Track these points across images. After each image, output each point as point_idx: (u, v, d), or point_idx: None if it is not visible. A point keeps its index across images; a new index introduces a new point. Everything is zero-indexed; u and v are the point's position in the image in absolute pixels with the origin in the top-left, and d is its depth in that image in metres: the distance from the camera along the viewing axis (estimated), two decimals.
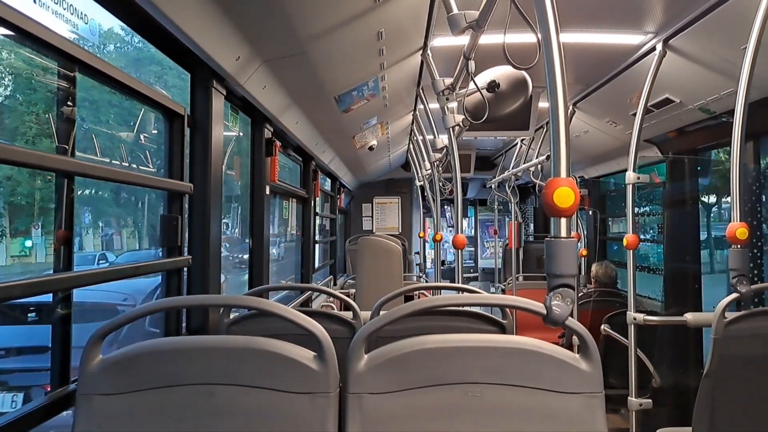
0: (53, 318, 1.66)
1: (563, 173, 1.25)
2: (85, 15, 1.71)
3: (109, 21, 1.81)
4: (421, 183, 6.67)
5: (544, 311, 1.28)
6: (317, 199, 5.49)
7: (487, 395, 1.35)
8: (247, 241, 3.31)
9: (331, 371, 1.38)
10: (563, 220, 1.26)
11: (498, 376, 1.36)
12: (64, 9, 1.63)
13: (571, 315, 1.30)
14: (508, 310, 2.35)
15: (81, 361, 1.39)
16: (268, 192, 3.32)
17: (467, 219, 12.88)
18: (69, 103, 1.66)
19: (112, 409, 1.36)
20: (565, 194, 1.22)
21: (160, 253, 2.24)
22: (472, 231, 12.72)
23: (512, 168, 6.06)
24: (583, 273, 5.91)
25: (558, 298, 1.26)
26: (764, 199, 3.39)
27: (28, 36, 1.42)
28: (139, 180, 2.11)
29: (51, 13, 1.57)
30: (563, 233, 1.26)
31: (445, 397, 1.35)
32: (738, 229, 2.26)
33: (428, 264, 9.96)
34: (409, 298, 4.20)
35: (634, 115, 3.06)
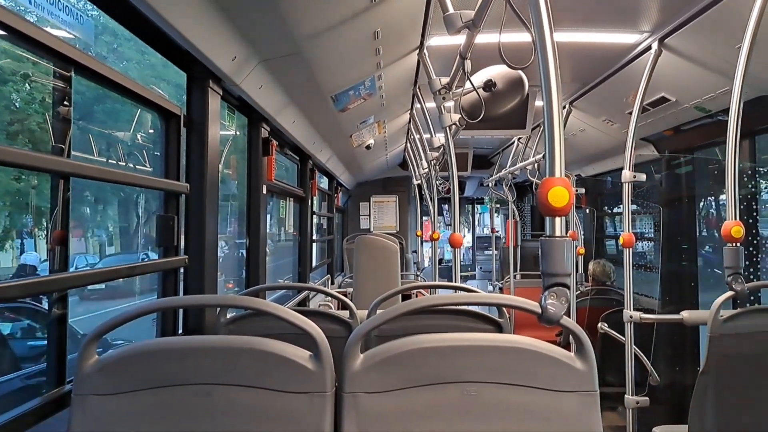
0: (49, 318, 1.66)
1: (558, 173, 1.26)
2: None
3: None
4: (419, 182, 6.67)
5: (539, 310, 1.29)
6: (314, 198, 5.48)
7: (483, 394, 1.36)
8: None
9: (327, 371, 1.38)
10: (558, 220, 1.27)
11: (494, 374, 1.36)
12: None
13: (567, 314, 1.30)
14: (504, 308, 2.35)
15: (77, 361, 1.40)
16: (264, 191, 3.32)
17: (478, 216, 12.63)
18: (65, 103, 1.66)
19: (108, 409, 1.36)
20: (559, 194, 1.23)
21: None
22: (485, 230, 12.18)
23: (509, 166, 6.07)
24: (580, 271, 5.93)
25: (553, 297, 1.27)
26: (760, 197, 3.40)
27: (24, 38, 1.42)
28: (135, 180, 2.10)
29: None
30: (558, 232, 1.27)
31: (441, 396, 1.36)
32: (733, 227, 2.27)
33: (426, 263, 9.96)
34: (406, 296, 4.20)
35: (631, 113, 3.07)
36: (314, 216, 5.64)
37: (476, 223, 13.51)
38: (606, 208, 6.54)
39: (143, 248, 10.40)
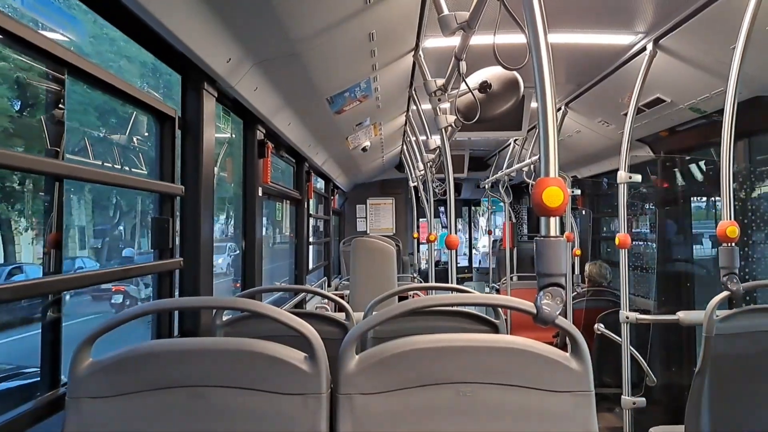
0: (43, 321, 1.65)
1: (552, 173, 1.26)
2: None
3: None
4: (415, 184, 6.68)
5: (534, 310, 1.29)
6: (311, 200, 5.48)
7: (478, 395, 1.35)
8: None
9: (322, 372, 1.38)
10: (553, 220, 1.27)
11: (489, 375, 1.36)
12: None
13: (564, 314, 1.30)
14: (501, 309, 2.35)
15: (71, 364, 1.39)
16: (260, 194, 3.32)
17: (482, 216, 12.45)
18: (60, 106, 1.65)
19: (102, 412, 1.35)
20: (554, 194, 1.23)
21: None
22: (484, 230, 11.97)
23: (505, 168, 6.07)
24: (576, 272, 5.93)
25: (548, 297, 1.27)
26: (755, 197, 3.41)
27: (17, 39, 1.42)
28: (130, 182, 2.10)
29: None
30: (553, 233, 1.27)
31: (437, 397, 1.35)
32: (728, 227, 2.28)
33: (423, 264, 9.95)
34: (403, 298, 4.20)
35: (626, 114, 3.08)
36: (310, 218, 5.63)
37: (472, 225, 13.51)
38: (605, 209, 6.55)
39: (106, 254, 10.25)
